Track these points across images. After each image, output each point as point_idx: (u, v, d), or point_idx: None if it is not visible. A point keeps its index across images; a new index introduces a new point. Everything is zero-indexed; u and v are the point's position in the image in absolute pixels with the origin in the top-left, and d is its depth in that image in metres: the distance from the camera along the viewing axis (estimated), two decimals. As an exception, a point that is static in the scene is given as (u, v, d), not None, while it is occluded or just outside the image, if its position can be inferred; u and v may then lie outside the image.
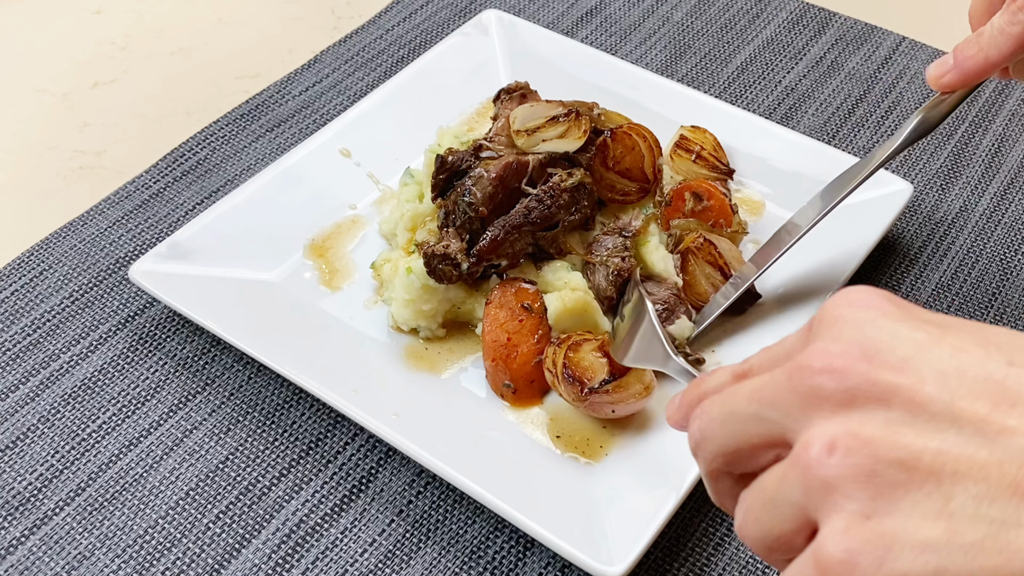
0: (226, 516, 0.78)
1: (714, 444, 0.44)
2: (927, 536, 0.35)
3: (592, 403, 0.77)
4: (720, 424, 0.44)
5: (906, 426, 0.37)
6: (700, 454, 0.45)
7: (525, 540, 0.76)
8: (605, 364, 0.78)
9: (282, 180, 0.96)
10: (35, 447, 0.82)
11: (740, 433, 0.43)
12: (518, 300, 0.83)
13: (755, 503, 0.42)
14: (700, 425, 0.45)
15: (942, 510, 0.35)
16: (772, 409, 0.41)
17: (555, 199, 0.85)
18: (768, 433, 0.42)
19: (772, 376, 0.42)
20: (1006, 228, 0.99)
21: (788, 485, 0.39)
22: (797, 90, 1.13)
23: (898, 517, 0.36)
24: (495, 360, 0.82)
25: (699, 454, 0.46)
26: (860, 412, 0.38)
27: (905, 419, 0.37)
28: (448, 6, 1.24)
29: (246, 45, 1.21)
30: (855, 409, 0.38)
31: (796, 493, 0.39)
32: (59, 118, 1.12)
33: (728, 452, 0.44)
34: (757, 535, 0.42)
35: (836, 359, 0.39)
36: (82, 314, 0.91)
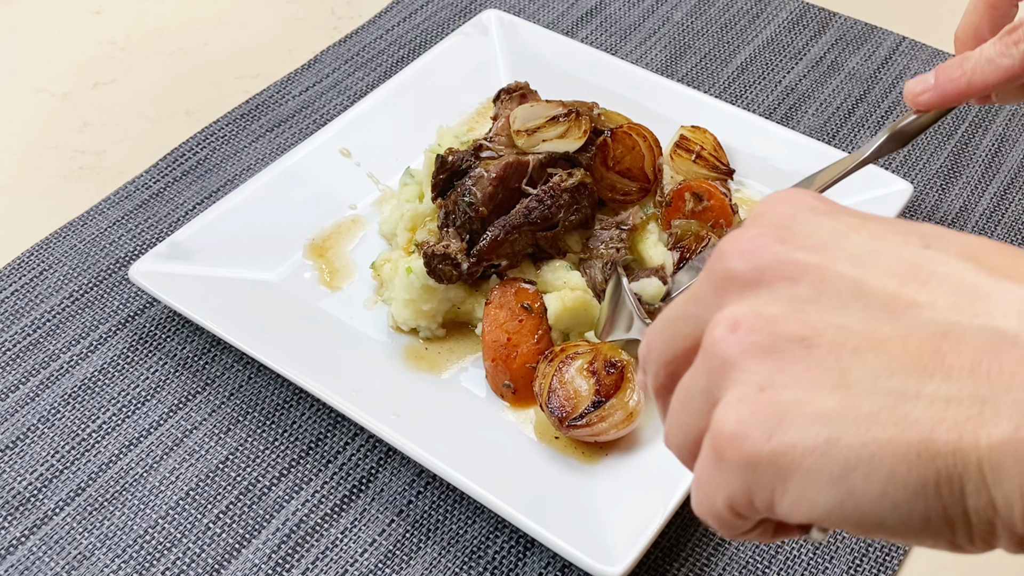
0: (226, 516, 0.78)
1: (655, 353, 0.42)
2: (821, 407, 0.34)
3: (573, 434, 0.77)
4: (658, 332, 0.42)
5: (811, 303, 0.36)
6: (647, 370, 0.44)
7: (525, 540, 0.76)
8: (593, 386, 0.77)
9: (282, 180, 0.96)
10: (35, 447, 0.82)
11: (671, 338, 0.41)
12: (518, 300, 0.83)
13: (674, 404, 0.40)
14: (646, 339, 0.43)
15: (839, 383, 0.34)
16: (694, 303, 0.40)
17: (555, 199, 0.85)
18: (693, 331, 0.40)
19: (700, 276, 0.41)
20: (1006, 228, 0.99)
21: (697, 372, 0.38)
22: (797, 90, 1.13)
23: (793, 389, 0.35)
24: (495, 360, 0.82)
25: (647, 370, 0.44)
26: (767, 291, 0.37)
27: (811, 296, 0.36)
28: (448, 6, 1.24)
29: (246, 45, 1.21)
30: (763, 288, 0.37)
31: (702, 380, 0.38)
32: (59, 118, 1.12)
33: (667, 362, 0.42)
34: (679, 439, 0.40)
35: (749, 241, 0.38)
36: (82, 314, 0.91)
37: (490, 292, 0.84)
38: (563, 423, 0.76)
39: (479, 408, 0.82)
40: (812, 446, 0.34)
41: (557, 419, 0.76)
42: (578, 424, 0.76)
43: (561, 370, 0.78)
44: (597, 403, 0.76)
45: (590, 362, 0.78)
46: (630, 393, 0.77)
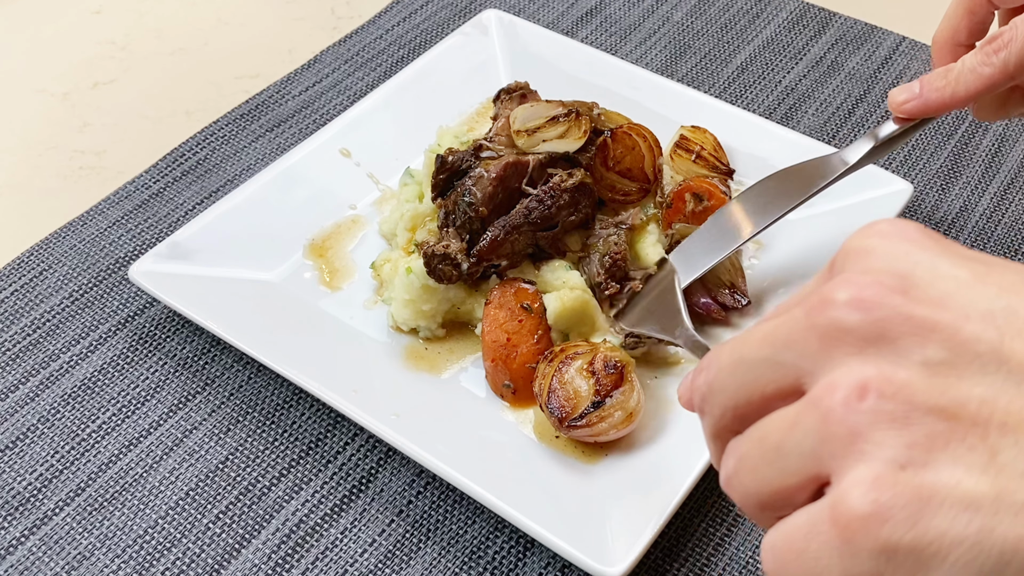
0: (226, 516, 0.78)
1: (722, 395, 0.39)
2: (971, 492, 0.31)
3: (572, 435, 0.77)
4: (729, 373, 0.39)
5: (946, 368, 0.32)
6: (706, 409, 0.40)
7: (525, 540, 0.76)
8: (593, 386, 0.77)
9: (282, 180, 0.96)
10: (35, 447, 0.82)
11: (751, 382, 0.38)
12: (518, 300, 0.83)
13: (753, 452, 0.37)
14: (707, 377, 0.40)
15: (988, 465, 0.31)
16: (787, 350, 0.36)
17: (555, 199, 0.85)
18: (783, 379, 0.37)
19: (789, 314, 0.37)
20: (1006, 228, 0.99)
21: (800, 432, 0.35)
22: (797, 90, 1.13)
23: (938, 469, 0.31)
24: (495, 360, 0.82)
25: (705, 409, 0.40)
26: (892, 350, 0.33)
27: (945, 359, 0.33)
28: (448, 6, 1.24)
29: (246, 45, 1.21)
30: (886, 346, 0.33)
31: (810, 441, 0.34)
32: (59, 118, 1.12)
33: (738, 405, 0.39)
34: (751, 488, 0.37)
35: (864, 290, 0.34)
36: (82, 314, 0.91)
37: (490, 292, 0.84)
38: (563, 423, 0.76)
39: (479, 408, 0.82)
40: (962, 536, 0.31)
41: (557, 419, 0.76)
42: (578, 424, 0.76)
43: (561, 370, 0.78)
44: (597, 403, 0.76)
45: (590, 362, 0.78)
46: (630, 393, 0.77)
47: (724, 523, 0.77)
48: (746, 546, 0.76)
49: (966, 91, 0.71)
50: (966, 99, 0.71)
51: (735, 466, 0.38)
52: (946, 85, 0.72)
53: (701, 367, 0.41)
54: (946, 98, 0.72)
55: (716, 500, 0.78)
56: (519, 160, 0.86)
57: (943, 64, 0.76)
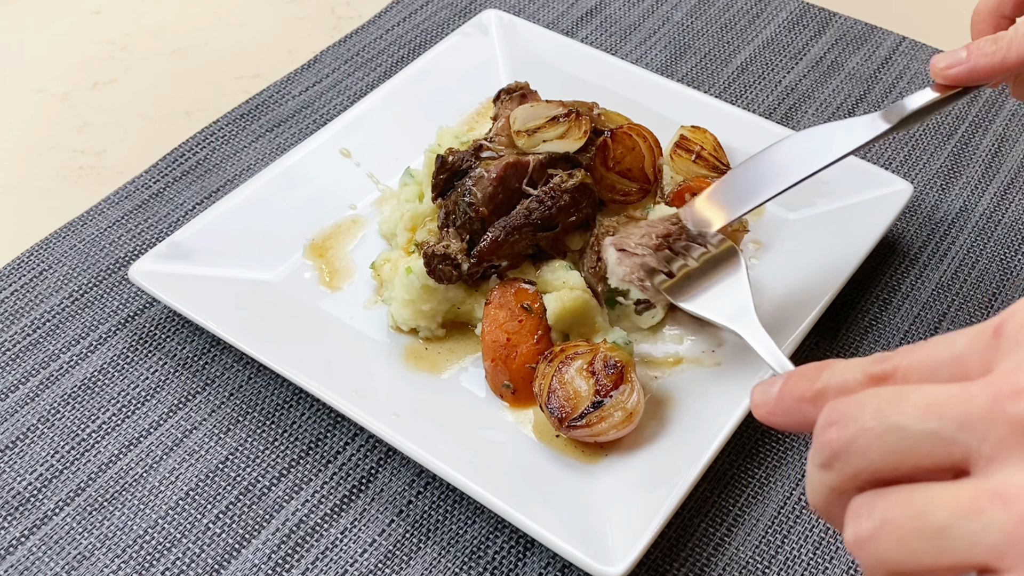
0: (226, 516, 0.78)
1: (864, 460, 0.38)
2: None
3: (572, 435, 0.77)
4: (877, 437, 0.37)
5: None
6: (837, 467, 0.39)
7: (525, 540, 0.76)
8: (593, 386, 0.77)
9: (282, 180, 0.96)
10: (35, 447, 0.82)
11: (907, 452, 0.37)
12: (518, 300, 0.83)
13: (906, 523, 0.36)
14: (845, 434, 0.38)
15: None
16: (962, 430, 0.35)
17: (556, 200, 0.85)
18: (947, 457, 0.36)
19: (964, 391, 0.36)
20: (1006, 228, 0.99)
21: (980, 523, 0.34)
22: (797, 90, 1.13)
23: None
24: (494, 361, 0.82)
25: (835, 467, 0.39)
26: None
27: None
28: (448, 6, 1.24)
29: (246, 45, 1.21)
30: None
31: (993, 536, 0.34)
32: (59, 118, 1.12)
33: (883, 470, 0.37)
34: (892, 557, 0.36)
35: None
36: (82, 314, 0.91)
37: (490, 292, 0.84)
38: (563, 423, 0.76)
39: (479, 408, 0.82)
40: None
41: (557, 419, 0.76)
42: (578, 424, 0.76)
43: (561, 370, 0.78)
44: (597, 403, 0.76)
45: (590, 362, 0.78)
46: (629, 394, 0.77)
47: (724, 523, 0.77)
48: (746, 546, 0.76)
49: (1018, 56, 0.68)
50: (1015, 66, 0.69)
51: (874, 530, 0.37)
52: (996, 51, 0.69)
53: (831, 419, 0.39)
54: (996, 63, 0.69)
55: (716, 500, 0.78)
56: (519, 160, 0.86)
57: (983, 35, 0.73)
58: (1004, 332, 0.37)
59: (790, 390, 0.43)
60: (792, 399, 0.42)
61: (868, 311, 0.91)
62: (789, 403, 0.42)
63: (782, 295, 0.88)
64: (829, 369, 0.41)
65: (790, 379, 0.43)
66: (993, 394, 0.35)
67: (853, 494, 0.39)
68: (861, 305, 0.91)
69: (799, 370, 0.43)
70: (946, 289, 0.93)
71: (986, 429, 0.35)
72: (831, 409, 0.39)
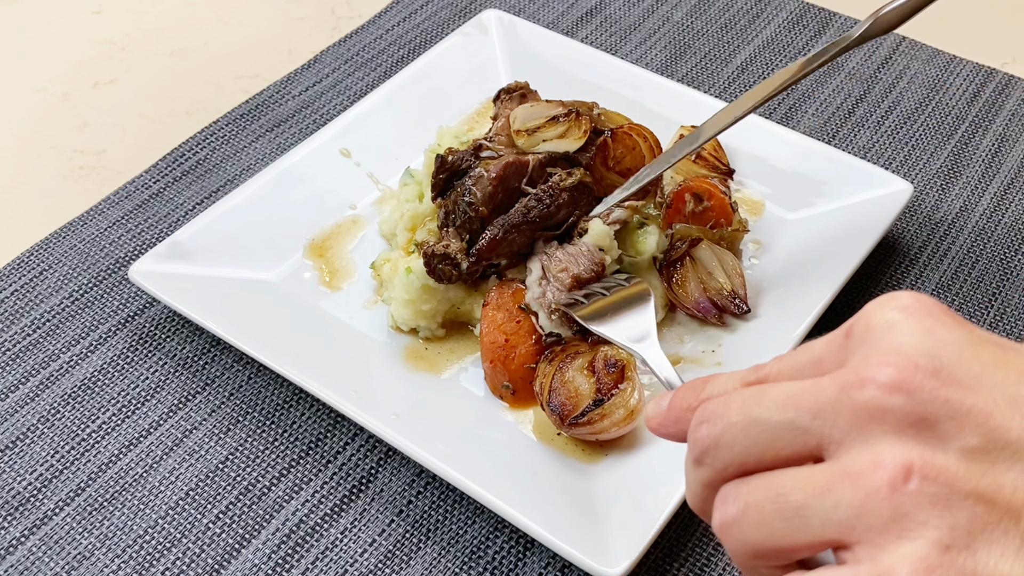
0: (226, 516, 0.78)
1: (730, 453, 0.40)
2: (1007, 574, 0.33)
3: (574, 433, 0.77)
4: (741, 430, 0.40)
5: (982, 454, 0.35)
6: (707, 462, 0.41)
7: (525, 540, 0.76)
8: (594, 384, 0.77)
9: (282, 180, 0.96)
10: (35, 447, 0.82)
11: (768, 443, 0.39)
12: (515, 301, 0.83)
13: (766, 505, 0.38)
14: (713, 431, 0.41)
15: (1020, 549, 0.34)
16: (815, 419, 0.38)
17: (554, 198, 0.85)
18: (804, 445, 0.38)
19: (816, 384, 0.39)
20: (1006, 228, 0.99)
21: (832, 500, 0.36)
22: (797, 90, 1.13)
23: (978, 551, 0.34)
24: (493, 362, 0.82)
25: (706, 461, 0.41)
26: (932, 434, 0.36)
27: (980, 446, 0.35)
28: (448, 6, 1.24)
29: (246, 45, 1.21)
30: (926, 431, 0.36)
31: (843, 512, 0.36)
32: (59, 118, 1.12)
33: (747, 463, 0.40)
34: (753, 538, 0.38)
35: (903, 372, 0.36)
36: (82, 314, 0.91)
37: (487, 294, 0.84)
38: (564, 422, 0.76)
39: (479, 408, 0.82)
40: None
41: (558, 417, 0.76)
42: (579, 422, 0.76)
43: (561, 369, 0.78)
44: (598, 401, 0.76)
45: (590, 361, 0.78)
46: (631, 391, 0.77)
47: (724, 523, 0.77)
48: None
49: None
50: None
51: (738, 514, 0.39)
52: None
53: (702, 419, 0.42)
54: None
55: (716, 500, 0.78)
56: (519, 160, 0.86)
57: None
58: (853, 332, 0.40)
59: (678, 402, 0.45)
60: (680, 410, 0.45)
61: (868, 311, 0.90)
62: (677, 413, 0.45)
63: (782, 295, 0.88)
64: (713, 381, 0.44)
65: (678, 392, 0.46)
66: (840, 384, 0.38)
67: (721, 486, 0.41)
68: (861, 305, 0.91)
69: (687, 384, 0.46)
70: (946, 289, 0.93)
71: (835, 416, 0.37)
72: (702, 410, 0.42)
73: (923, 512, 0.35)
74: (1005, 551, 0.34)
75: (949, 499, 0.35)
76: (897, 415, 0.36)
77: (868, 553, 0.35)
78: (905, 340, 0.38)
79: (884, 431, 0.36)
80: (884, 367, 0.37)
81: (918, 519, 0.35)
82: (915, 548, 0.34)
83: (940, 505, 0.35)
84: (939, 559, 0.34)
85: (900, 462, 0.35)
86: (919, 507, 0.35)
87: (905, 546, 0.35)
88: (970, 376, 0.36)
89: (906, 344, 0.38)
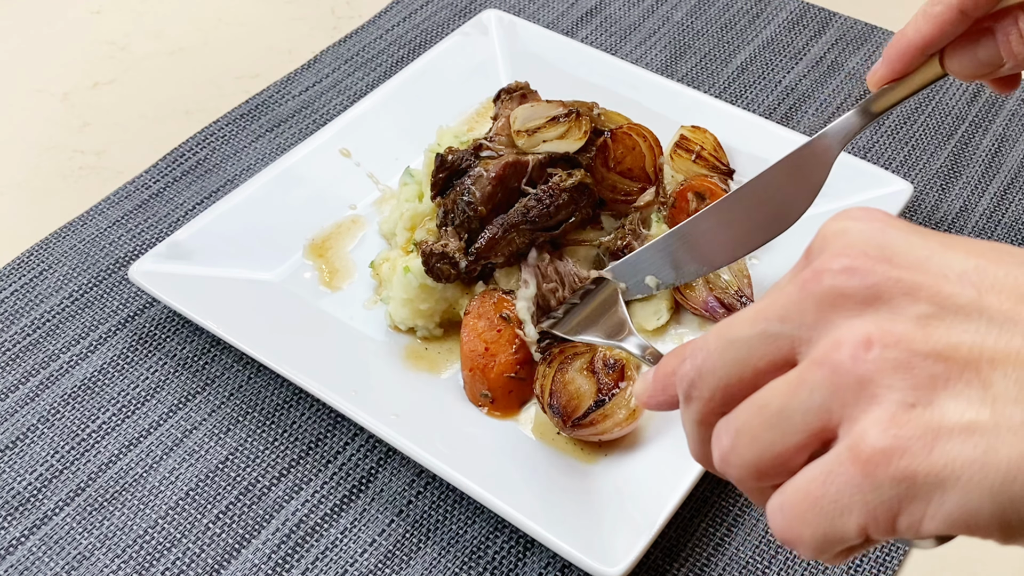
0: (226, 516, 0.78)
1: (712, 377, 0.42)
2: (973, 420, 0.35)
3: (576, 434, 0.77)
4: (719, 354, 0.41)
5: (936, 320, 0.37)
6: (694, 395, 0.43)
7: (525, 540, 0.76)
8: (594, 385, 0.77)
9: (282, 180, 0.96)
10: (35, 447, 0.82)
11: (745, 359, 0.41)
12: (497, 310, 0.83)
13: (753, 421, 0.39)
14: (695, 362, 0.42)
15: (984, 396, 0.35)
16: (783, 323, 0.39)
17: (554, 199, 0.85)
18: (777, 352, 0.40)
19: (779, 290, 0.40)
20: (1006, 228, 0.99)
21: (807, 390, 0.38)
22: (797, 90, 1.13)
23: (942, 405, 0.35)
24: (472, 370, 0.81)
25: (693, 395, 0.43)
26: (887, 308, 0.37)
27: (934, 313, 0.37)
28: (448, 6, 1.24)
29: (246, 45, 1.21)
30: (881, 306, 0.37)
31: (818, 396, 0.37)
32: (59, 118, 1.12)
33: (730, 384, 0.41)
34: (751, 458, 0.40)
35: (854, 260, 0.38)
36: (82, 314, 0.91)
37: (469, 302, 0.84)
38: (566, 423, 0.76)
39: (479, 408, 0.82)
40: (972, 458, 0.34)
41: (560, 419, 0.76)
42: (582, 423, 0.76)
43: (561, 370, 0.78)
44: (599, 402, 0.76)
45: (590, 362, 0.78)
46: (631, 390, 0.77)
47: (724, 523, 0.77)
48: (746, 546, 0.76)
49: (917, 33, 0.70)
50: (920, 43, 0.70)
51: (732, 441, 0.40)
52: (901, 36, 0.72)
53: (684, 355, 0.44)
54: (901, 46, 0.71)
55: (716, 500, 0.78)
56: (519, 160, 0.86)
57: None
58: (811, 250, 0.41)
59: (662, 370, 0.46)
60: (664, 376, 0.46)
61: (868, 311, 0.90)
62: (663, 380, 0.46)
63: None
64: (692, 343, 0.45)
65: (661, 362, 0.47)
66: (800, 282, 0.39)
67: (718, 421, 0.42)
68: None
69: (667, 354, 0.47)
70: (946, 289, 0.93)
71: (800, 314, 0.39)
72: (681, 349, 0.44)
73: (886, 377, 0.36)
74: (970, 400, 0.35)
75: (909, 361, 0.36)
76: (854, 298, 0.38)
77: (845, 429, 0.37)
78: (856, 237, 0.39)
79: (843, 315, 0.38)
80: (837, 258, 0.39)
81: (882, 383, 0.36)
82: (882, 411, 0.36)
83: (901, 368, 0.36)
84: (906, 416, 0.35)
85: (859, 335, 0.37)
86: (882, 372, 0.36)
87: (874, 410, 0.36)
88: (919, 259, 0.38)
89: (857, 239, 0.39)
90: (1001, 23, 0.68)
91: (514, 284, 0.85)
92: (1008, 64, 0.69)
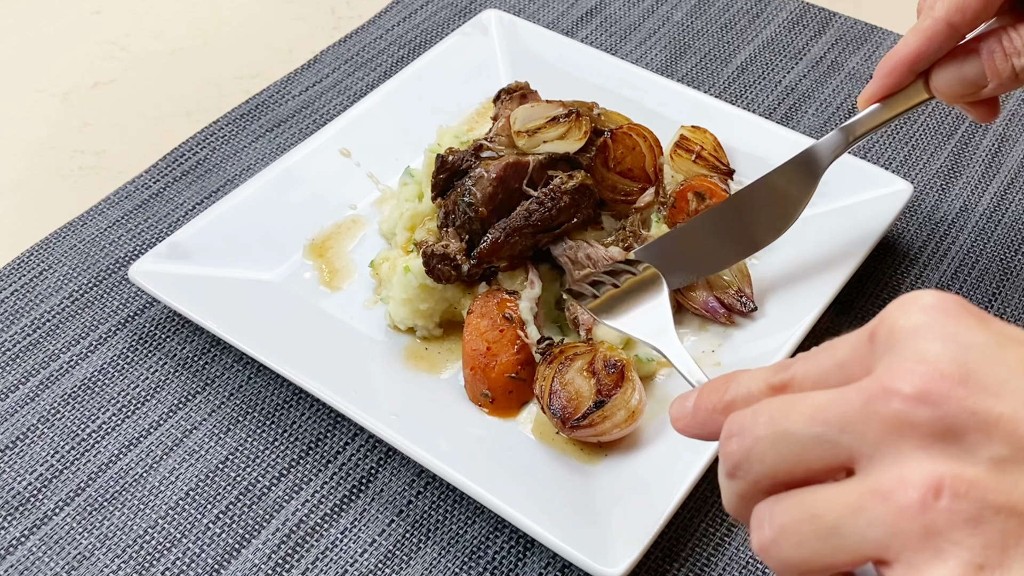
0: (226, 516, 0.78)
1: (762, 466, 0.40)
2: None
3: (576, 435, 0.77)
4: (771, 444, 0.40)
5: (1011, 464, 0.35)
6: (740, 475, 0.41)
7: (525, 540, 0.76)
8: (594, 386, 0.77)
9: (282, 180, 0.96)
10: (35, 447, 0.82)
11: (798, 456, 0.39)
12: (499, 310, 0.83)
13: (803, 527, 0.38)
14: (743, 444, 0.41)
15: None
16: (843, 433, 0.38)
17: (556, 201, 0.85)
18: (833, 458, 0.38)
19: (842, 395, 0.38)
20: (1006, 228, 0.99)
21: (866, 519, 0.36)
22: (797, 90, 1.13)
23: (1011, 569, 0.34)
24: (474, 369, 0.81)
25: (738, 475, 0.41)
26: (960, 447, 0.35)
27: (1009, 456, 0.35)
28: (448, 6, 1.24)
29: (246, 45, 1.21)
30: (953, 443, 0.35)
31: (877, 531, 0.36)
32: (59, 118, 1.12)
33: (778, 476, 0.40)
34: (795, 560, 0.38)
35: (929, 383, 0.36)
36: (82, 314, 0.91)
37: (472, 301, 0.84)
38: (566, 424, 0.76)
39: (479, 408, 0.82)
40: None
41: (560, 420, 0.76)
42: (581, 424, 0.76)
43: (561, 371, 0.78)
44: (599, 403, 0.76)
45: (590, 362, 0.78)
46: (631, 392, 0.77)
47: (724, 523, 0.77)
48: (746, 546, 0.76)
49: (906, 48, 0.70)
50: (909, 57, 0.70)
51: (775, 535, 0.39)
52: (890, 53, 0.72)
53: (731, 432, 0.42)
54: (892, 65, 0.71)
55: (716, 500, 0.78)
56: (519, 160, 0.86)
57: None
58: (877, 337, 0.39)
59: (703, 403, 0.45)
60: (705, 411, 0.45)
61: (868, 311, 0.91)
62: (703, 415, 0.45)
63: (782, 295, 0.88)
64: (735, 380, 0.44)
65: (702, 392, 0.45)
66: (866, 397, 0.37)
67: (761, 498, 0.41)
68: (861, 305, 0.91)
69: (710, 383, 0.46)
70: (946, 289, 0.93)
71: (863, 430, 0.37)
72: (731, 421, 0.42)
73: (955, 531, 0.34)
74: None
75: (980, 515, 0.34)
76: (924, 428, 0.36)
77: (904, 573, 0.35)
78: (929, 346, 0.37)
79: (912, 444, 0.36)
80: (909, 377, 0.36)
81: (951, 538, 0.34)
82: (949, 569, 0.34)
83: (972, 522, 0.34)
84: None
85: (929, 479, 0.35)
86: (951, 525, 0.34)
87: (939, 568, 0.34)
88: (997, 382, 0.36)
89: (931, 351, 0.37)
90: (986, 42, 0.69)
91: (518, 285, 0.85)
92: (991, 84, 0.69)
